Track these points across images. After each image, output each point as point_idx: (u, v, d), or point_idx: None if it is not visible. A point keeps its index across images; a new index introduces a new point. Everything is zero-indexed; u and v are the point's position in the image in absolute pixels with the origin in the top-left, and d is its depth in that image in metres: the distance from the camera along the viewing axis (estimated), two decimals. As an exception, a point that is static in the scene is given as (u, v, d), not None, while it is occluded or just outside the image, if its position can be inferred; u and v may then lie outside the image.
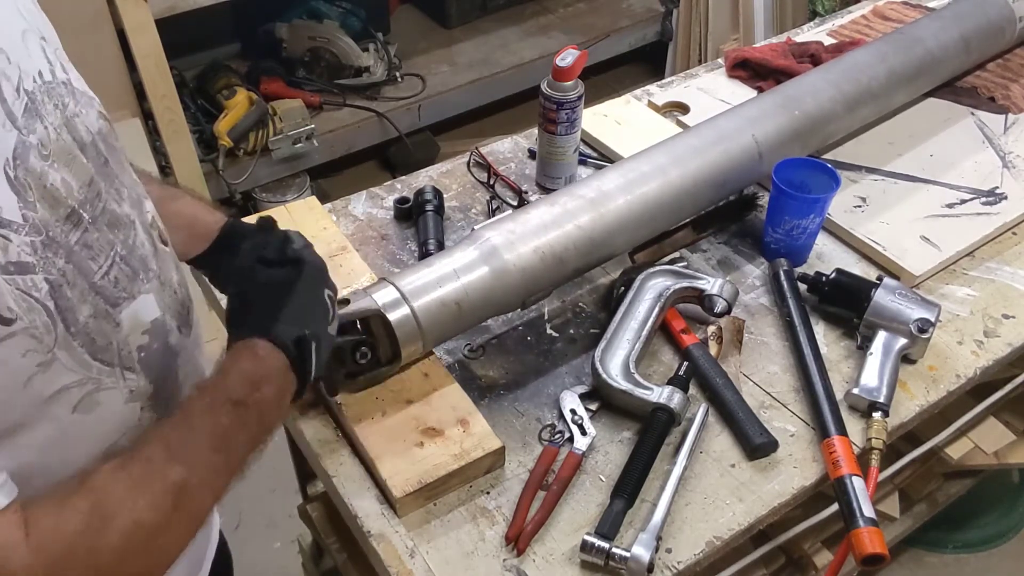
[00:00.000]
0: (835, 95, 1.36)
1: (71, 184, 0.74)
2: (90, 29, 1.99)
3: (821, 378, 1.10)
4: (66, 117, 0.76)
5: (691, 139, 1.26)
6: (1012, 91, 1.60)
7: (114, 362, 0.77)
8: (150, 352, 0.83)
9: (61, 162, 0.73)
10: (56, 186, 0.72)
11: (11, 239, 0.66)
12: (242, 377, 0.78)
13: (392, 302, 1.00)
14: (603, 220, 1.13)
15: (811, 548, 1.54)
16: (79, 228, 0.73)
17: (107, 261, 0.76)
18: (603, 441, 1.06)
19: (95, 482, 0.68)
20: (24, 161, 0.69)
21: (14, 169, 0.68)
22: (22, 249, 0.67)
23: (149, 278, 0.83)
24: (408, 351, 1.02)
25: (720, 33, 3.18)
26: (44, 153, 0.71)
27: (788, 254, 1.26)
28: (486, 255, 1.06)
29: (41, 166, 0.70)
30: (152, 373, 0.83)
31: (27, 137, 0.70)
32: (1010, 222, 1.35)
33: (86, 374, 0.74)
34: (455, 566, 0.93)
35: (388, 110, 2.77)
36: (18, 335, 0.67)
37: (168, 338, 0.85)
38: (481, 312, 1.07)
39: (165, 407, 0.85)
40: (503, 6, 3.27)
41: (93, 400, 0.75)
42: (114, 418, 0.79)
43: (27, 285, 0.68)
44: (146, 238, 0.84)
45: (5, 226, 0.66)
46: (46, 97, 0.74)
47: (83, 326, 0.73)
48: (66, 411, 0.73)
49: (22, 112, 0.71)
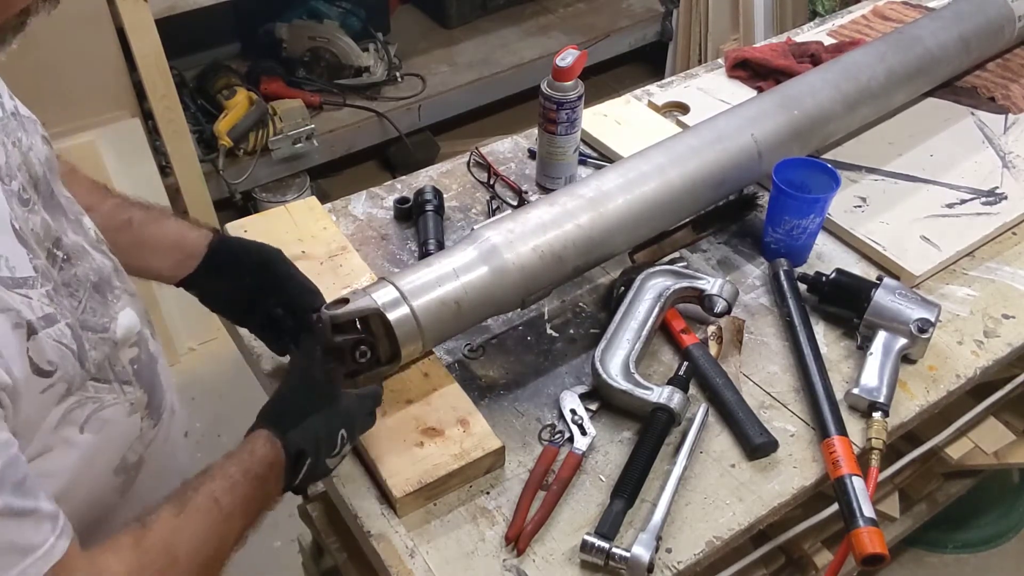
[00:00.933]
0: (834, 95, 1.36)
1: (48, 224, 0.74)
2: (90, 29, 1.99)
3: (821, 378, 1.10)
4: (23, 154, 0.75)
5: (690, 139, 1.26)
6: (1012, 91, 1.60)
7: (111, 378, 0.79)
8: (140, 363, 0.85)
9: (34, 204, 0.73)
10: (36, 230, 0.72)
11: (31, 296, 0.68)
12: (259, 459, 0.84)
13: (392, 301, 1.00)
14: (603, 219, 1.13)
15: (811, 548, 1.54)
16: (56, 267, 0.74)
17: (84, 293, 0.77)
18: (603, 441, 1.06)
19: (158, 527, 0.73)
20: (15, 211, 0.69)
21: (16, 220, 0.68)
22: (42, 302, 0.69)
23: (117, 295, 0.84)
24: (408, 350, 1.02)
25: (720, 33, 3.18)
26: (24, 198, 0.72)
27: (788, 254, 1.26)
28: (485, 254, 1.06)
29: (23, 213, 0.71)
30: (144, 382, 0.85)
31: (10, 185, 0.70)
32: (1010, 222, 1.35)
33: (84, 395, 0.75)
34: (455, 566, 0.93)
35: (388, 110, 2.77)
36: (56, 384, 0.70)
37: (148, 345, 0.87)
38: (481, 311, 1.07)
39: (156, 413, 0.87)
40: (503, 6, 3.27)
41: (100, 419, 0.77)
42: (120, 433, 0.81)
43: (58, 334, 0.70)
44: (102, 257, 0.84)
45: (23, 284, 0.67)
46: (5, 137, 0.73)
47: (92, 357, 0.75)
48: (73, 432, 0.75)
49: (4, 160, 0.71)
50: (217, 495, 0.78)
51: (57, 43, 1.92)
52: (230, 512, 0.78)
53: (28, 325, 0.66)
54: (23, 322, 0.66)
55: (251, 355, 1.16)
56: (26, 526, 0.64)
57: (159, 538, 0.73)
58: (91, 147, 2.05)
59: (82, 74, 2.02)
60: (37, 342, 0.67)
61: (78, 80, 2.01)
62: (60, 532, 0.66)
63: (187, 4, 2.25)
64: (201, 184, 2.33)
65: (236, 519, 0.80)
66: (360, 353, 1.00)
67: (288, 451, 0.85)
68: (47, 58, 1.93)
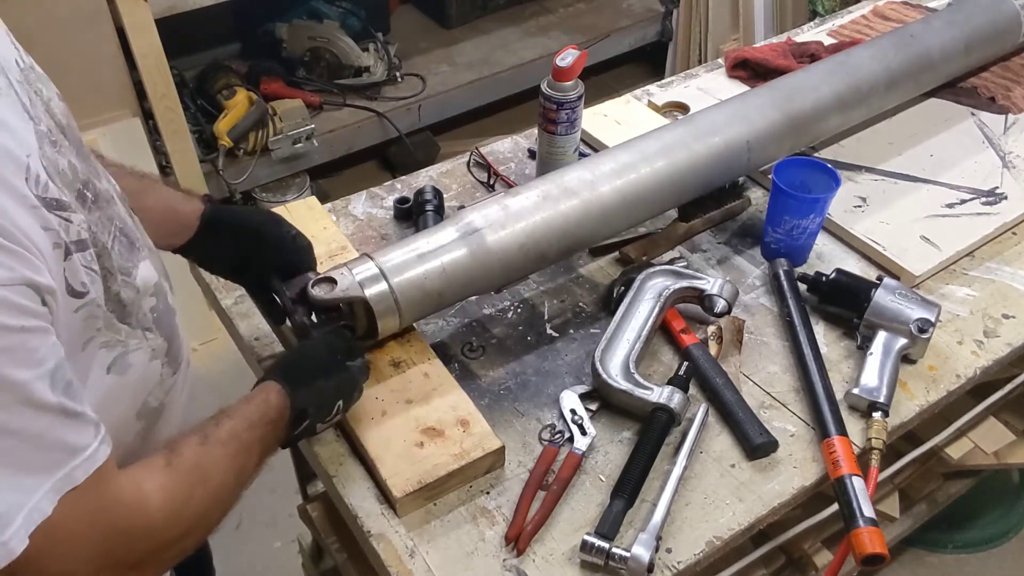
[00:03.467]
0: (828, 91, 1.36)
1: (76, 165, 0.76)
2: (90, 28, 1.99)
3: (821, 378, 1.10)
4: (44, 103, 0.77)
5: (680, 129, 1.26)
6: (1013, 92, 1.60)
7: (135, 324, 0.81)
8: (159, 312, 0.87)
9: (62, 146, 0.75)
10: (66, 170, 0.74)
11: (72, 219, 0.70)
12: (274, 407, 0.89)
13: (371, 277, 1.03)
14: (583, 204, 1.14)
15: (811, 548, 1.54)
16: (85, 207, 0.75)
17: (111, 236, 0.79)
18: (603, 441, 1.06)
19: (187, 451, 0.78)
20: (44, 148, 0.71)
21: (43, 158, 0.70)
22: (81, 227, 0.71)
23: (141, 245, 0.86)
24: (385, 325, 1.05)
25: (720, 33, 3.18)
26: (53, 139, 0.73)
27: (788, 254, 1.26)
28: (463, 229, 1.08)
29: (52, 152, 0.72)
30: (164, 330, 0.87)
31: (39, 125, 0.72)
32: (1010, 222, 1.35)
33: (114, 336, 0.77)
34: (455, 566, 0.93)
35: (388, 110, 2.77)
36: (88, 306, 0.72)
37: (167, 297, 0.90)
38: (459, 290, 1.09)
39: (176, 361, 0.90)
40: (503, 6, 3.27)
41: (125, 362, 0.80)
42: (142, 377, 0.84)
43: (87, 260, 0.72)
44: (126, 211, 0.87)
45: (66, 207, 0.69)
46: (28, 86, 0.75)
47: (115, 294, 0.77)
48: (101, 373, 0.77)
49: (29, 102, 0.72)
50: (238, 431, 0.83)
51: (57, 43, 1.92)
52: (248, 448, 0.84)
53: (65, 246, 0.68)
54: (62, 243, 0.68)
55: (251, 355, 1.16)
56: (76, 427, 0.66)
57: (190, 459, 0.77)
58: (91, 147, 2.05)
59: (82, 74, 2.02)
60: (72, 263, 0.69)
61: (78, 80, 2.01)
62: (102, 439, 0.68)
63: (187, 4, 2.25)
64: (201, 184, 2.33)
65: (252, 456, 0.84)
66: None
67: (294, 407, 0.89)
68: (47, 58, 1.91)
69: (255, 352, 1.15)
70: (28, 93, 0.74)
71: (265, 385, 0.90)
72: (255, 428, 0.85)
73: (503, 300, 1.24)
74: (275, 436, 0.89)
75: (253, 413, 0.86)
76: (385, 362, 1.09)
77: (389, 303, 1.03)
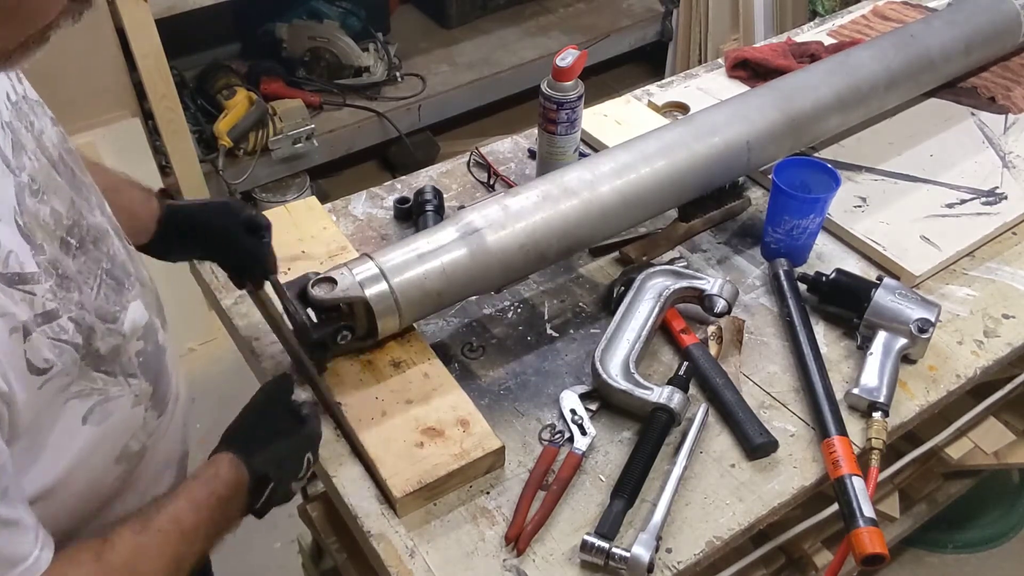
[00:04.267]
0: (828, 91, 1.36)
1: (59, 212, 0.74)
2: (90, 29, 1.99)
3: (821, 378, 1.10)
4: (36, 138, 0.75)
5: (680, 129, 1.26)
6: (1013, 92, 1.60)
7: (117, 372, 0.79)
8: (146, 355, 0.84)
9: (49, 191, 0.73)
10: (47, 220, 0.72)
11: (35, 292, 0.68)
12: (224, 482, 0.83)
13: (371, 277, 1.03)
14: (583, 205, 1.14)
15: (811, 548, 1.54)
16: (69, 255, 0.74)
17: (96, 281, 0.77)
18: (603, 441, 1.06)
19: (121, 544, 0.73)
20: (23, 203, 0.69)
21: (21, 216, 0.68)
22: (46, 298, 0.69)
23: (131, 284, 0.84)
24: (386, 325, 1.05)
25: (720, 33, 3.18)
26: (35, 188, 0.72)
27: (788, 254, 1.26)
28: (463, 230, 1.08)
29: (33, 203, 0.71)
30: (150, 374, 0.85)
31: (20, 177, 0.70)
32: (1010, 222, 1.35)
33: (89, 385, 0.75)
34: (455, 566, 0.93)
35: (388, 110, 2.77)
36: (53, 379, 0.70)
37: (158, 336, 0.88)
38: (460, 290, 1.09)
39: (162, 403, 0.87)
40: (503, 6, 3.27)
41: (105, 411, 0.77)
42: (124, 424, 0.81)
43: (55, 332, 0.70)
44: (119, 243, 0.85)
45: (28, 280, 0.67)
46: (18, 122, 0.73)
47: (95, 350, 0.75)
48: (75, 424, 0.75)
49: (11, 150, 0.71)
50: (180, 516, 0.78)
51: (57, 43, 1.91)
52: (192, 534, 0.78)
53: (24, 327, 0.66)
54: (19, 325, 0.66)
55: (251, 355, 1.16)
56: (14, 536, 0.64)
57: (120, 555, 0.73)
58: (91, 147, 2.05)
59: (82, 74, 2.02)
60: (32, 342, 0.67)
61: (78, 80, 2.01)
62: (43, 544, 0.66)
63: (187, 4, 2.25)
64: (201, 184, 2.33)
65: (197, 541, 0.79)
66: (341, 336, 1.04)
67: (252, 475, 0.85)
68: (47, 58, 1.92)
69: (255, 352, 1.15)
70: (17, 132, 0.72)
71: (216, 457, 0.85)
72: (200, 511, 0.80)
73: (503, 300, 1.24)
74: (231, 512, 0.84)
75: (199, 493, 0.81)
76: (385, 362, 1.09)
77: (389, 303, 1.03)
